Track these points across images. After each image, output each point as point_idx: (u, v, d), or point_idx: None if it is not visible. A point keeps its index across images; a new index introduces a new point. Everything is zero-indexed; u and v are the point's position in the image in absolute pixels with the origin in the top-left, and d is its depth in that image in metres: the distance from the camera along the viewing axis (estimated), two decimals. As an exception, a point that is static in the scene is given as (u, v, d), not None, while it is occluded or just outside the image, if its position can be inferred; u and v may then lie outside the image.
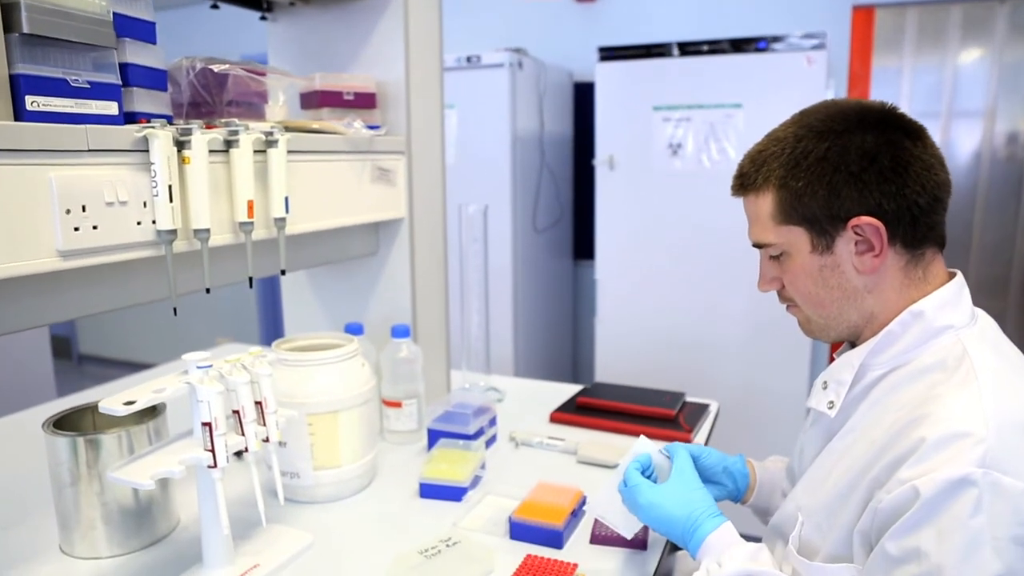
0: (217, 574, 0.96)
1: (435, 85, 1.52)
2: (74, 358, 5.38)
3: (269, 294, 4.48)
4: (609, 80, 2.56)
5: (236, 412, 0.94)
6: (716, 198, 2.47)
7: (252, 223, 1.03)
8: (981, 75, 2.76)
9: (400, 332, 1.41)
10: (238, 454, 1.35)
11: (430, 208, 1.53)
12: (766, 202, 0.85)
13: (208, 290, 0.98)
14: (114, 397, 0.85)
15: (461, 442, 1.30)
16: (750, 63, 2.33)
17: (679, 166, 2.49)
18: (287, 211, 1.09)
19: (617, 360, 2.72)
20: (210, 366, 0.90)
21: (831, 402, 0.86)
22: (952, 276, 0.84)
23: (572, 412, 1.54)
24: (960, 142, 2.82)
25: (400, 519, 1.15)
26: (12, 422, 1.62)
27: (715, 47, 2.38)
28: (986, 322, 0.83)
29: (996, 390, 0.72)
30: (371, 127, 1.33)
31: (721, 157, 2.43)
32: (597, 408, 1.54)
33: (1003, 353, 0.79)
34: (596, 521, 1.09)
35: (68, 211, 0.80)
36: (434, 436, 1.35)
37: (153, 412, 1.11)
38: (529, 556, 0.95)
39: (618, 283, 2.67)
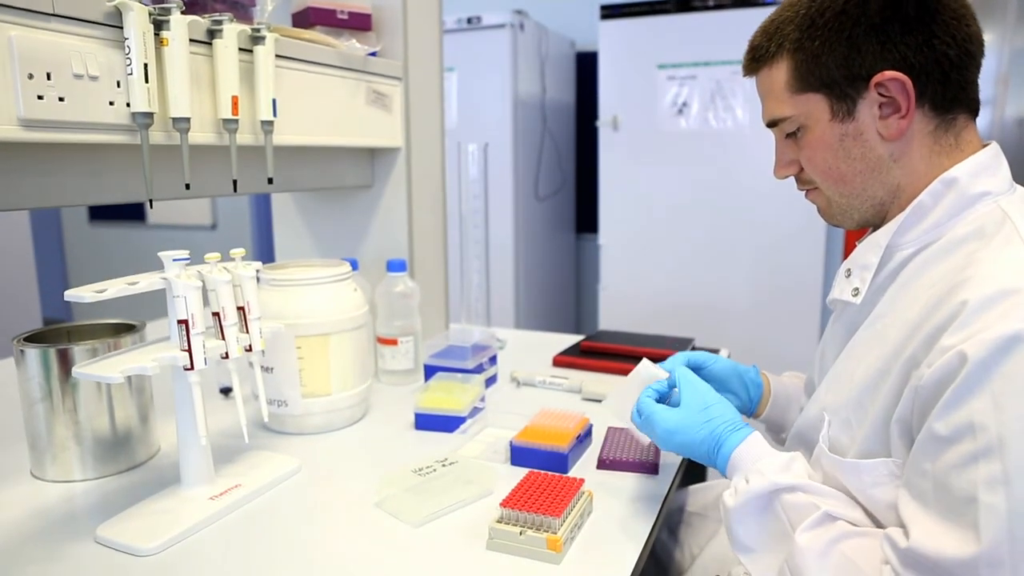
0: (195, 492, 0.90)
1: (434, 10, 1.45)
2: (68, 342, 5.30)
3: (265, 235, 4.35)
4: (612, 39, 2.50)
5: (216, 315, 0.88)
6: (723, 158, 2.41)
7: (237, 121, 0.96)
8: (991, 61, 2.69)
9: (396, 266, 1.34)
10: (225, 391, 1.30)
11: (428, 140, 1.46)
12: (780, 72, 0.77)
13: (188, 186, 0.91)
14: (84, 287, 0.78)
15: (460, 375, 1.23)
16: (757, 17, 2.26)
17: (684, 126, 2.42)
18: (275, 115, 1.02)
19: (621, 327, 2.65)
20: (188, 259, 0.84)
21: (856, 289, 0.78)
22: (986, 146, 0.76)
23: (576, 355, 1.47)
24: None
25: (393, 449, 1.08)
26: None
27: (720, 2, 2.32)
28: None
29: None
30: (368, 54, 1.26)
31: (728, 116, 2.36)
32: (602, 351, 1.48)
33: None
34: (603, 445, 1.03)
35: (31, 76, 0.73)
36: (431, 372, 1.28)
37: (131, 329, 1.05)
38: (532, 472, 0.88)
39: (622, 249, 2.60)
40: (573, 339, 1.65)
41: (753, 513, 0.72)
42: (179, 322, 0.83)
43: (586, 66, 3.17)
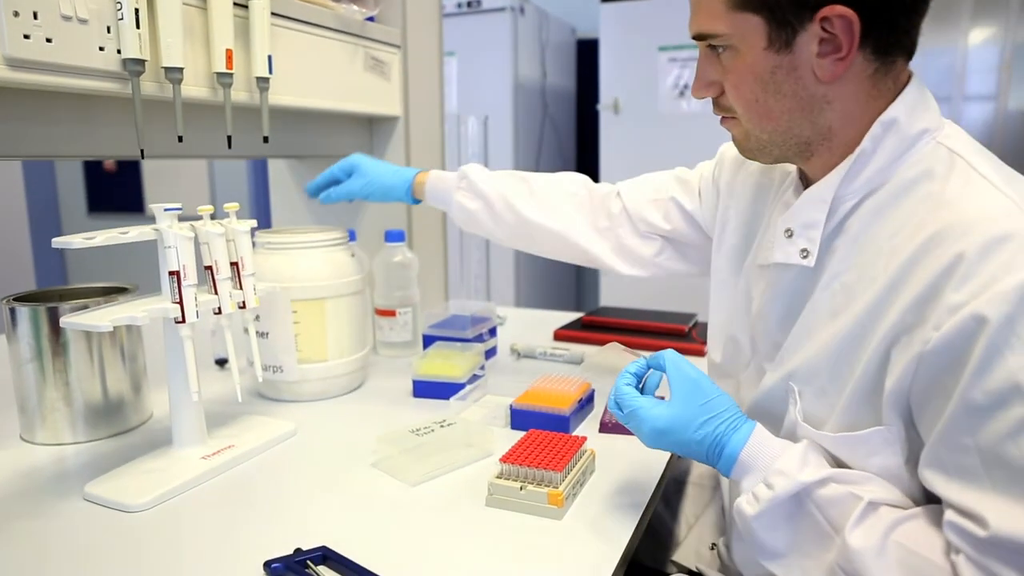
0: (187, 452, 0.87)
1: (433, -20, 1.43)
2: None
3: (262, 217, 4.36)
4: (612, 21, 2.48)
5: (209, 269, 0.85)
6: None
7: (231, 75, 0.94)
8: (992, 53, 2.66)
9: (395, 236, 1.32)
10: (220, 362, 1.27)
11: (427, 110, 1.44)
12: None
13: (180, 138, 0.89)
14: (73, 235, 0.76)
15: (459, 344, 1.20)
16: (760, -1, 2.24)
17: (686, 108, 2.40)
18: (270, 71, 1.00)
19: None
20: (179, 208, 0.81)
21: (804, 251, 0.72)
22: (908, 81, 0.70)
23: (578, 329, 1.45)
24: (971, 124, 2.72)
25: (391, 415, 1.06)
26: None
27: (724, -17, 2.30)
28: (955, 127, 0.70)
29: (1009, 179, 0.62)
30: (366, 19, 1.24)
31: (730, 98, 2.34)
32: (604, 325, 1.45)
33: (986, 152, 0.68)
34: (606, 409, 1.00)
35: (16, 13, 0.71)
36: (429, 342, 1.26)
37: (123, 291, 1.03)
38: (533, 431, 0.86)
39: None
40: (574, 316, 1.63)
41: (783, 518, 0.65)
42: (170, 273, 0.80)
43: (587, 53, 3.14)
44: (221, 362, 1.28)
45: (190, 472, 0.83)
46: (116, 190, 4.71)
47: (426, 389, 1.11)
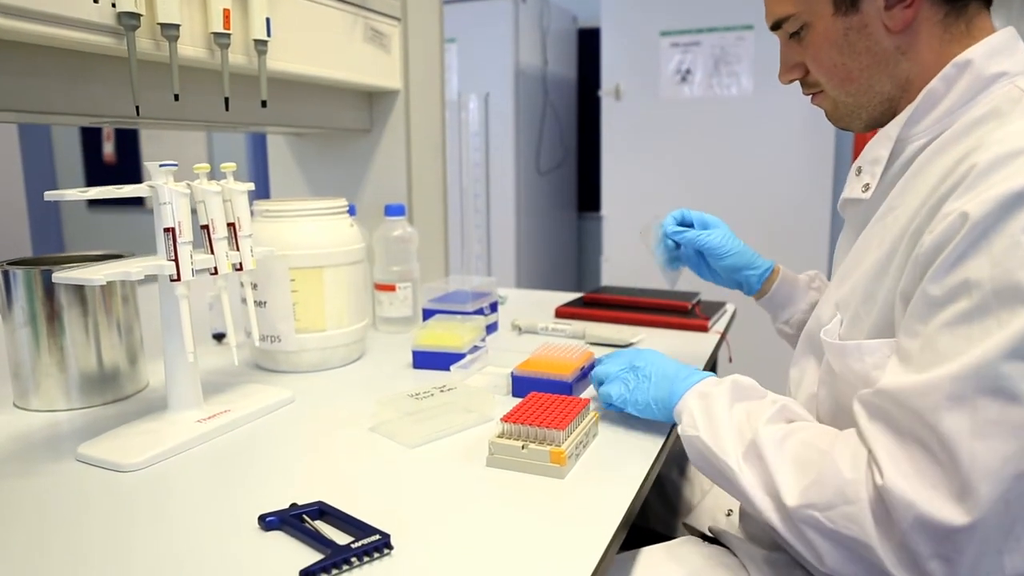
0: (183, 416, 0.86)
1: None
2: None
3: (261, 187, 4.31)
4: (614, 6, 2.46)
5: (205, 228, 0.84)
6: (727, 124, 2.38)
7: (229, 36, 0.93)
8: None
9: (394, 210, 1.30)
10: (218, 337, 1.26)
11: (427, 85, 1.42)
12: None
13: (177, 96, 0.87)
14: (68, 189, 0.75)
15: (460, 316, 1.19)
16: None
17: (688, 93, 2.38)
18: (268, 34, 0.99)
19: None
20: (175, 165, 0.80)
21: (866, 185, 0.74)
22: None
23: (580, 307, 1.43)
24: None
25: (390, 386, 1.04)
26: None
27: (725, -34, 2.28)
28: None
29: None
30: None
31: (732, 82, 2.32)
32: (607, 302, 1.44)
33: None
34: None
35: (8, -41, 0.70)
36: (429, 316, 1.24)
37: (119, 258, 1.01)
38: (535, 394, 0.85)
39: (625, 220, 2.56)
40: (576, 296, 1.61)
41: (714, 424, 0.70)
42: (165, 230, 0.79)
43: (588, 42, 3.13)
44: (219, 336, 1.27)
45: (185, 434, 0.81)
46: (115, 181, 4.68)
47: (426, 360, 1.09)
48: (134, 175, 4.52)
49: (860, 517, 0.56)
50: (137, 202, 4.69)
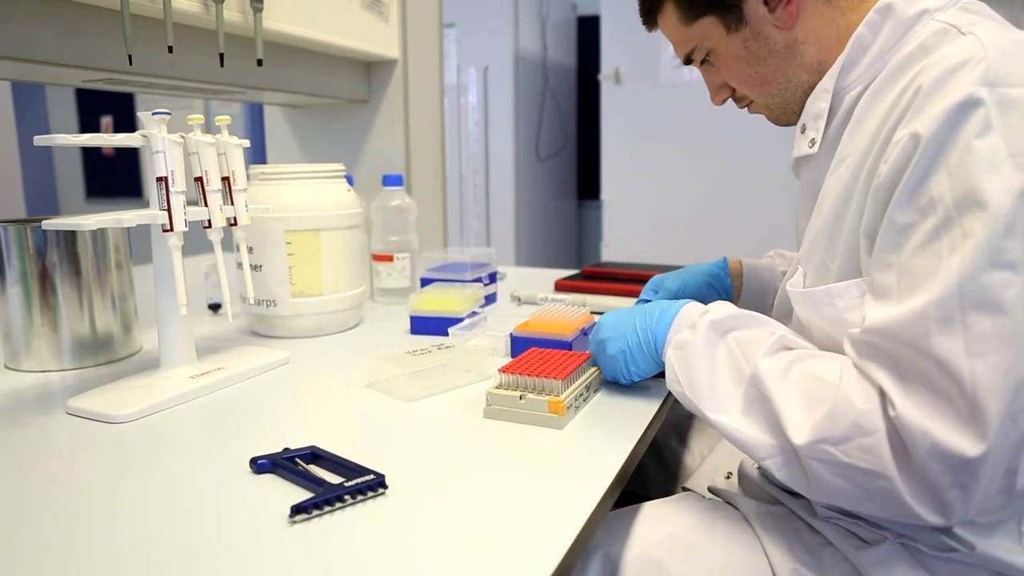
0: (176, 372, 0.84)
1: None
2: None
3: (257, 157, 4.31)
4: (616, -10, 2.45)
5: (199, 180, 0.83)
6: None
7: (222, -10, 0.91)
8: None
9: (392, 180, 1.29)
10: (214, 307, 1.25)
11: (425, 54, 1.41)
12: (669, 13, 0.78)
13: (171, 49, 0.86)
14: (56, 134, 0.73)
15: (458, 284, 1.18)
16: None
17: (687, 76, 2.37)
18: (264, -9, 0.98)
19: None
20: (169, 113, 0.78)
21: (812, 140, 0.75)
22: None
23: (580, 280, 1.42)
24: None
25: (387, 350, 1.03)
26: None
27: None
28: (968, 2, 0.69)
29: (994, 29, 0.62)
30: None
31: (734, 65, 2.31)
32: (606, 275, 1.42)
33: (989, 20, 0.67)
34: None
35: None
36: (427, 284, 1.23)
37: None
38: (535, 349, 0.83)
39: (625, 205, 2.55)
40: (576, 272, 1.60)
41: (708, 354, 0.69)
42: (158, 179, 0.77)
43: (587, 30, 3.12)
44: (215, 307, 1.25)
45: (178, 388, 0.80)
46: (114, 175, 4.69)
47: (424, 325, 1.08)
48: (134, 174, 4.52)
49: (879, 448, 0.54)
50: (135, 195, 4.68)
